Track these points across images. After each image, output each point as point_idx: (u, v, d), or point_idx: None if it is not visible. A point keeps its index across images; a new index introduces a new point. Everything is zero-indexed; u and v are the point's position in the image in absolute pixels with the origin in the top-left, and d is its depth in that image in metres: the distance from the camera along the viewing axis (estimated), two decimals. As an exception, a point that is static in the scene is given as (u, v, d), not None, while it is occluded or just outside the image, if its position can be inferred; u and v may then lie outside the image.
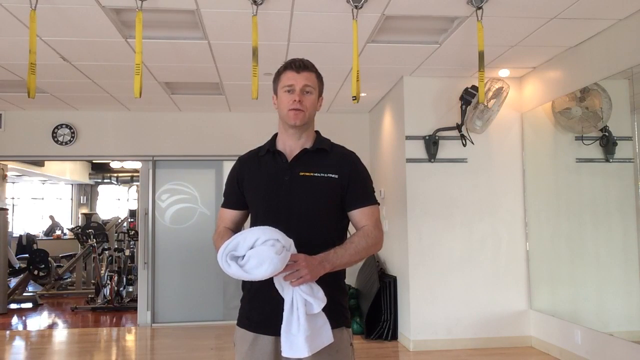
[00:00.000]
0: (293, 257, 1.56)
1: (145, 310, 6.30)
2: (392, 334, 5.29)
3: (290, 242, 1.57)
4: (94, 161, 12.09)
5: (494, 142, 5.14)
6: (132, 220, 9.35)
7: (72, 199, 14.25)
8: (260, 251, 1.51)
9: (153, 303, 6.31)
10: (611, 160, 4.12)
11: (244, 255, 1.54)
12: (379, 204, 1.82)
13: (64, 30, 3.75)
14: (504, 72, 4.98)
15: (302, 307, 1.57)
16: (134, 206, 10.31)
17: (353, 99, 3.34)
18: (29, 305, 7.75)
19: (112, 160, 10.10)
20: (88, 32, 3.79)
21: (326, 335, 1.62)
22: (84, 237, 8.97)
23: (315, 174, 1.74)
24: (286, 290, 1.60)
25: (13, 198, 13.30)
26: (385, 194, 5.79)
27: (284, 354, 1.59)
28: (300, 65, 1.75)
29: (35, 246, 9.93)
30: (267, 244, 1.52)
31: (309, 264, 1.57)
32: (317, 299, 1.59)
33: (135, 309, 6.47)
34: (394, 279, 5.38)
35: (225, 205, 1.88)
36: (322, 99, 1.85)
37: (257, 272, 1.51)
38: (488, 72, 4.77)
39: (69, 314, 7.14)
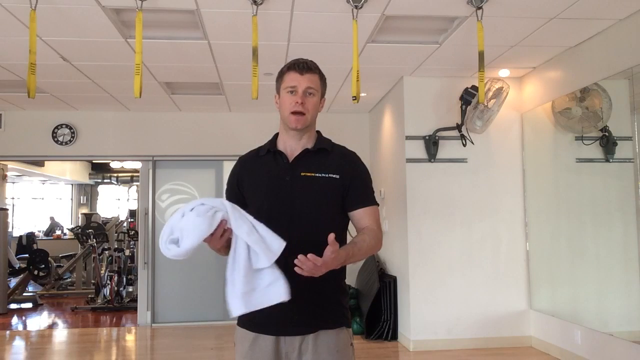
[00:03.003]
0: (322, 266, 1.48)
1: (145, 310, 6.30)
2: (392, 334, 5.29)
3: (222, 201, 1.50)
4: (94, 161, 12.09)
5: (494, 142, 5.14)
6: (132, 220, 9.35)
7: (72, 199, 14.26)
8: (184, 222, 1.46)
9: (153, 303, 6.31)
10: (611, 160, 4.12)
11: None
12: (378, 204, 1.82)
13: (64, 30, 3.75)
14: (504, 72, 4.98)
15: (244, 258, 1.48)
16: (134, 206, 10.31)
17: (353, 99, 3.34)
18: (29, 305, 7.75)
19: (112, 160, 10.10)
20: (88, 32, 3.79)
21: (276, 292, 1.50)
22: (84, 237, 8.97)
23: (317, 174, 1.73)
24: (235, 241, 1.51)
25: (13, 198, 13.30)
26: (385, 194, 5.79)
27: (230, 314, 1.54)
28: (304, 67, 1.74)
29: (35, 246, 9.93)
30: (192, 212, 1.46)
31: (325, 269, 1.51)
32: (266, 251, 1.48)
33: (135, 309, 6.47)
34: (394, 279, 5.38)
35: (227, 205, 1.88)
36: (325, 100, 1.84)
37: (187, 241, 1.45)
38: (488, 72, 4.77)
39: (69, 314, 7.14)
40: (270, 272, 1.51)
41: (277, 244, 1.50)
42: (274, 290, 1.51)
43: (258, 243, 1.49)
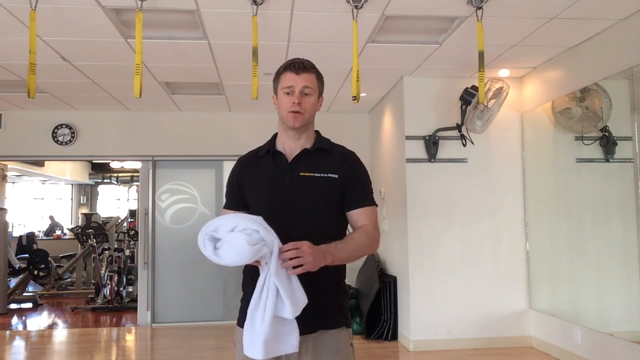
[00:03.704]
0: (297, 244, 1.51)
1: (145, 310, 6.30)
2: (392, 334, 5.29)
3: (273, 238, 1.51)
4: (94, 161, 12.09)
5: (494, 142, 5.14)
6: (132, 220, 9.35)
7: (72, 199, 14.25)
8: (235, 238, 1.47)
9: (153, 303, 6.31)
10: (611, 160, 4.12)
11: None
12: (377, 205, 1.82)
13: (64, 30, 3.75)
14: (504, 72, 4.98)
15: (272, 304, 1.50)
16: (134, 206, 10.31)
17: (353, 99, 3.34)
18: (29, 305, 7.75)
19: (112, 160, 10.10)
20: (88, 32, 3.79)
21: (290, 343, 1.54)
22: (84, 237, 8.97)
23: (316, 174, 1.73)
24: (263, 281, 1.53)
25: (13, 198, 13.29)
26: (385, 194, 5.79)
27: (244, 351, 1.56)
28: (299, 67, 1.74)
29: (35, 246, 9.93)
30: (244, 232, 1.48)
31: (314, 252, 1.52)
32: (294, 304, 1.51)
33: (135, 309, 6.47)
34: (394, 279, 5.38)
35: (227, 206, 1.88)
36: (323, 99, 1.84)
37: (226, 258, 1.48)
38: (488, 72, 4.76)
39: (69, 314, 7.14)
40: (291, 321, 1.53)
41: (302, 299, 1.53)
42: (290, 340, 1.54)
43: (288, 293, 1.51)
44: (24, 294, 8.12)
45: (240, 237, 1.47)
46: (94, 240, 8.67)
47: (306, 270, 1.51)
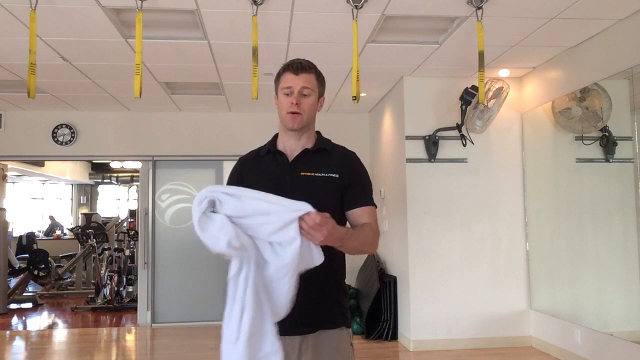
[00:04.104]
0: (323, 221, 1.43)
1: (145, 310, 6.30)
2: (392, 334, 5.29)
3: (252, 255, 1.42)
4: (94, 161, 12.09)
5: (494, 142, 5.14)
6: (132, 220, 9.35)
7: (72, 199, 14.25)
8: (224, 228, 1.40)
9: (153, 303, 6.31)
10: (611, 160, 4.12)
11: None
12: (376, 206, 1.82)
13: (64, 30, 3.75)
14: (504, 72, 4.98)
15: (251, 305, 1.39)
16: (134, 206, 10.31)
17: (353, 99, 3.34)
18: (29, 305, 7.75)
19: (112, 160, 10.10)
20: (88, 32, 3.79)
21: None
22: (84, 237, 8.97)
23: (316, 174, 1.73)
24: (234, 291, 1.43)
25: (13, 198, 13.28)
26: (385, 194, 5.79)
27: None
28: (298, 67, 1.74)
29: (35, 246, 9.92)
30: (236, 231, 1.40)
31: (329, 235, 1.47)
32: (281, 305, 1.43)
33: (135, 309, 6.47)
34: (394, 279, 5.38)
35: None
36: (324, 99, 1.84)
37: (202, 234, 1.40)
38: (488, 72, 4.76)
39: (69, 314, 7.14)
40: (271, 342, 1.44)
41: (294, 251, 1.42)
42: (274, 353, 1.43)
43: (272, 297, 1.44)
44: (24, 294, 8.12)
45: (228, 231, 1.39)
46: (94, 240, 8.66)
47: (311, 240, 1.47)
